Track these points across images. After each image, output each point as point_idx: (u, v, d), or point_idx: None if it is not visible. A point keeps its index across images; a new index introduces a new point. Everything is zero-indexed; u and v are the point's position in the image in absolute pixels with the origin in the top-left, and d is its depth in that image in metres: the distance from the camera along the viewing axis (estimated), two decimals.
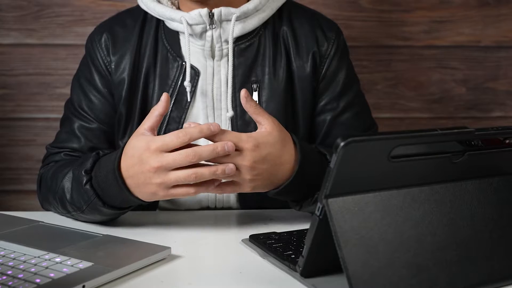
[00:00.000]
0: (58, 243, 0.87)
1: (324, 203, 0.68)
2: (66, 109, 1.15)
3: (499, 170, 0.78)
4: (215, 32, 1.06)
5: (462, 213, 0.74)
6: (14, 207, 1.62)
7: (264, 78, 1.09)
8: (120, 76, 1.10)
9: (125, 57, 1.10)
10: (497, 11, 1.63)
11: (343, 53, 1.14)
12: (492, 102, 1.68)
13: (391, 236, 0.69)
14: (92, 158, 0.97)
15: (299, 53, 1.10)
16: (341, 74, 1.13)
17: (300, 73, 1.10)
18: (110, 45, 1.11)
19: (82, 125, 1.11)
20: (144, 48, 1.10)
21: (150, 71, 1.09)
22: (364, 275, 0.66)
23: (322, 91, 1.12)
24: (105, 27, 1.14)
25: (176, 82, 1.08)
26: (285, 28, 1.11)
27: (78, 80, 1.14)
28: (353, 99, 1.13)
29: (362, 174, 0.69)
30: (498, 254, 0.75)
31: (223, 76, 1.08)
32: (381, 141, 0.68)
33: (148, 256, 0.83)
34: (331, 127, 1.12)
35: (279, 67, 1.09)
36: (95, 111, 1.11)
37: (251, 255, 0.88)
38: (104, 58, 1.11)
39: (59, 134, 1.14)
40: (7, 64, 1.59)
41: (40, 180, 1.10)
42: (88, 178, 0.96)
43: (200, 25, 1.05)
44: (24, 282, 0.73)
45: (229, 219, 1.08)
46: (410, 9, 1.63)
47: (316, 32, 1.12)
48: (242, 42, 1.08)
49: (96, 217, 0.99)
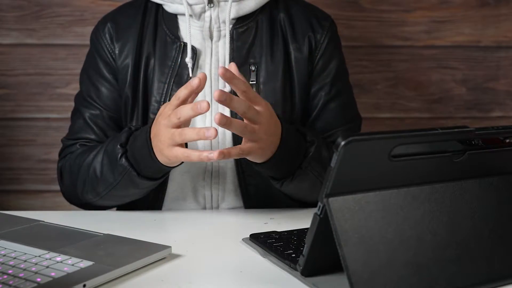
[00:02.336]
0: (58, 242, 0.87)
1: (325, 202, 0.68)
2: (76, 102, 1.19)
3: (499, 169, 0.78)
4: (213, 12, 1.10)
5: (462, 212, 0.74)
6: (14, 207, 1.62)
7: (261, 59, 1.13)
8: (124, 61, 1.14)
9: (128, 43, 1.14)
10: (497, 11, 1.64)
11: (336, 44, 1.19)
12: (492, 102, 1.68)
13: (391, 235, 0.69)
14: (126, 133, 1.04)
15: (295, 36, 1.15)
16: (334, 63, 1.17)
17: (296, 55, 1.14)
18: (114, 33, 1.15)
19: (92, 114, 1.15)
20: (145, 36, 1.15)
21: (150, 55, 1.13)
22: (365, 274, 0.66)
23: (315, 76, 1.16)
24: (108, 18, 1.19)
25: (175, 62, 1.12)
26: (282, 14, 1.16)
27: (85, 72, 1.19)
28: (342, 89, 1.18)
29: (362, 173, 0.69)
30: (498, 253, 0.75)
31: (221, 56, 1.12)
32: (381, 141, 0.68)
33: (148, 255, 0.83)
34: (321, 112, 1.15)
35: (276, 50, 1.13)
36: (103, 99, 1.15)
37: (251, 254, 0.88)
38: (108, 46, 1.15)
39: (73, 126, 1.18)
40: (7, 64, 1.59)
41: (61, 172, 1.15)
42: (123, 151, 1.02)
43: (200, 5, 1.10)
44: (25, 281, 0.73)
45: (229, 218, 1.08)
46: (410, 9, 1.63)
47: (311, 20, 1.17)
48: (240, 26, 1.13)
49: (127, 191, 1.06)
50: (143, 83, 1.13)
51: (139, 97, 1.13)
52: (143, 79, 1.13)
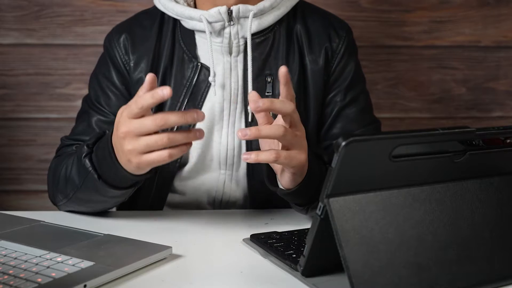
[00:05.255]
0: (59, 242, 0.87)
1: (326, 203, 0.68)
2: (84, 104, 1.16)
3: (500, 169, 0.78)
4: (233, 29, 1.08)
5: (463, 212, 0.74)
6: (14, 207, 1.62)
7: (277, 71, 1.09)
8: (138, 75, 1.11)
9: (144, 57, 1.11)
10: (497, 11, 1.64)
11: (353, 51, 1.18)
12: (492, 102, 1.68)
13: (392, 236, 0.69)
14: (97, 135, 0.99)
15: (311, 48, 1.13)
16: (350, 69, 1.16)
17: (312, 67, 1.12)
18: (129, 45, 1.12)
19: (100, 119, 1.12)
20: (162, 49, 1.12)
21: (167, 72, 1.11)
22: (365, 274, 0.66)
23: (331, 84, 1.14)
24: (124, 28, 1.15)
25: (190, 81, 1.09)
26: (299, 25, 1.14)
27: (96, 77, 1.16)
28: (359, 95, 1.16)
29: (363, 173, 0.69)
30: (499, 254, 0.75)
31: (240, 71, 1.10)
32: (382, 141, 0.68)
33: (149, 255, 0.83)
34: (336, 119, 1.14)
35: (292, 61, 1.12)
36: (113, 107, 1.12)
37: (252, 255, 0.88)
38: (122, 57, 1.12)
39: (76, 127, 1.15)
40: (7, 64, 1.59)
41: (49, 171, 1.11)
42: (88, 151, 0.97)
43: (219, 23, 1.07)
44: (25, 282, 0.73)
45: (230, 218, 1.08)
46: (410, 9, 1.63)
47: (329, 30, 1.16)
48: (258, 37, 1.11)
49: (92, 196, 0.99)
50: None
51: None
52: None
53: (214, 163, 1.10)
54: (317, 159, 0.99)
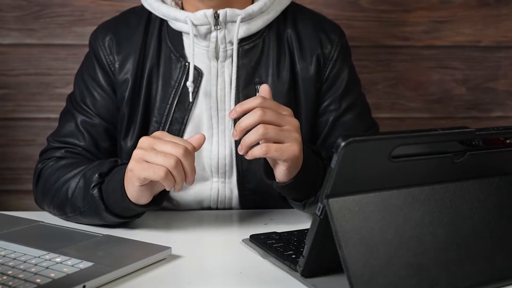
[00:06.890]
0: (58, 243, 0.87)
1: (325, 203, 0.68)
2: (68, 103, 1.15)
3: (499, 170, 0.78)
4: (220, 33, 1.06)
5: (463, 213, 0.74)
6: (14, 207, 1.62)
7: (267, 79, 1.09)
8: (124, 76, 1.10)
9: (129, 57, 1.10)
10: (497, 11, 1.64)
11: (346, 55, 1.15)
12: (492, 102, 1.68)
13: (391, 236, 0.69)
14: (111, 164, 0.98)
15: (303, 55, 1.11)
16: (344, 75, 1.13)
17: (303, 75, 1.10)
18: (114, 45, 1.11)
19: (85, 120, 1.11)
20: (148, 49, 1.10)
21: (153, 71, 1.09)
22: (365, 275, 0.66)
23: (324, 92, 1.12)
24: (110, 27, 1.14)
25: (179, 82, 1.08)
26: (289, 30, 1.12)
27: (81, 76, 1.14)
28: (355, 100, 1.14)
29: (362, 174, 0.69)
30: (499, 254, 0.75)
31: (227, 77, 1.08)
32: (381, 141, 0.68)
33: (148, 256, 0.83)
34: (333, 128, 1.12)
35: (282, 69, 1.09)
36: (98, 108, 1.11)
37: (251, 255, 0.88)
38: (107, 57, 1.11)
39: (62, 128, 1.13)
40: (7, 64, 1.59)
41: (38, 175, 1.09)
42: (99, 181, 0.96)
43: (205, 26, 1.05)
44: (24, 282, 0.73)
45: (229, 219, 1.08)
46: (410, 9, 1.63)
47: (320, 35, 1.13)
48: (246, 43, 1.08)
49: (94, 220, 0.99)
50: (144, 100, 1.09)
51: (138, 114, 1.09)
52: (145, 96, 1.09)
53: (207, 172, 1.09)
54: (314, 154, 0.99)
